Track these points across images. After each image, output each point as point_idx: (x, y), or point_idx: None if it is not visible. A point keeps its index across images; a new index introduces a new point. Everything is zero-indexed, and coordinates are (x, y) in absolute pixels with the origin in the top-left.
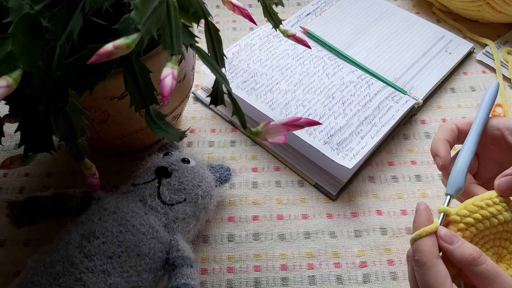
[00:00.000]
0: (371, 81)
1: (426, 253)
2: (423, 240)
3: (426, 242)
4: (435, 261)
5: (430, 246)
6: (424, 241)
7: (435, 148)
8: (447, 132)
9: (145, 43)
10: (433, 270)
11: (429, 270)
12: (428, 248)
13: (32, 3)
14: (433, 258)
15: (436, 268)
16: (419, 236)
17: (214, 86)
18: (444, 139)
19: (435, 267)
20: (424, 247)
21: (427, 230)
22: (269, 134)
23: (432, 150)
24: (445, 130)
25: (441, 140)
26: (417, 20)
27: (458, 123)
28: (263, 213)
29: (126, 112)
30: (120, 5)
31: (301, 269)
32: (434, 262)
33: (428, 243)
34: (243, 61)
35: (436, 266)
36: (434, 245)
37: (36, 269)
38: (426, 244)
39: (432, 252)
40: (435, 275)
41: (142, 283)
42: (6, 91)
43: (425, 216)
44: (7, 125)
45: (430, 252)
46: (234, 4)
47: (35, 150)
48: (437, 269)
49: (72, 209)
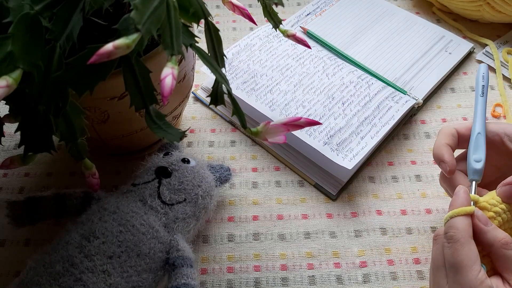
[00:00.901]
0: (371, 81)
1: (461, 230)
2: (460, 218)
3: (463, 220)
4: (469, 240)
5: (466, 224)
6: (461, 219)
7: (439, 154)
8: (447, 137)
9: (145, 43)
10: (466, 248)
11: (463, 247)
12: (465, 226)
13: (32, 3)
14: (467, 237)
15: (469, 246)
16: (456, 214)
17: (214, 86)
18: (446, 143)
19: (468, 245)
20: (460, 224)
21: (465, 210)
22: (269, 134)
23: (436, 156)
24: (446, 135)
25: (443, 145)
26: (417, 20)
27: (458, 128)
28: (263, 213)
29: (126, 112)
30: (120, 5)
31: (301, 269)
32: (469, 240)
33: (465, 221)
34: (243, 62)
35: (470, 244)
36: (469, 225)
37: (36, 269)
38: (463, 222)
39: (467, 231)
40: (467, 252)
41: (142, 283)
42: (6, 91)
43: (464, 198)
44: (7, 125)
45: (466, 230)
46: (234, 4)
47: (35, 150)
48: (470, 248)
49: (72, 209)
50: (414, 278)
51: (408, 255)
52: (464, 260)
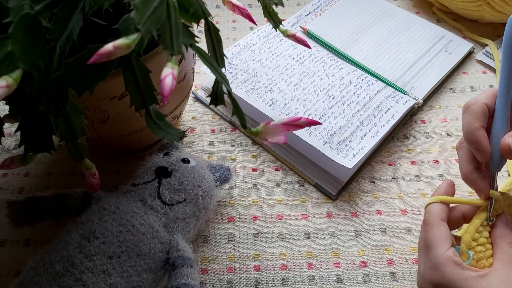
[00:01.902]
0: (371, 81)
1: (433, 213)
2: (434, 204)
3: (435, 205)
4: (440, 222)
5: (438, 209)
6: (434, 205)
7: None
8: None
9: (145, 43)
10: (435, 229)
11: (432, 228)
12: (436, 210)
13: (32, 3)
14: (438, 219)
15: (438, 227)
16: (433, 201)
17: (214, 86)
18: (480, 126)
19: (438, 226)
20: (433, 209)
21: (440, 198)
22: (269, 134)
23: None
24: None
25: (478, 128)
26: (417, 20)
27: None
28: (263, 213)
29: (126, 112)
30: (120, 5)
31: (301, 269)
32: (439, 222)
33: (437, 207)
34: (243, 61)
35: (439, 225)
36: (442, 211)
37: (36, 269)
38: (436, 207)
39: (438, 214)
40: (436, 233)
41: (142, 283)
42: (6, 91)
43: (443, 188)
44: (7, 125)
45: (437, 213)
46: (234, 4)
47: (35, 150)
48: (440, 229)
49: (72, 209)
50: (414, 278)
51: (408, 255)
52: (433, 239)
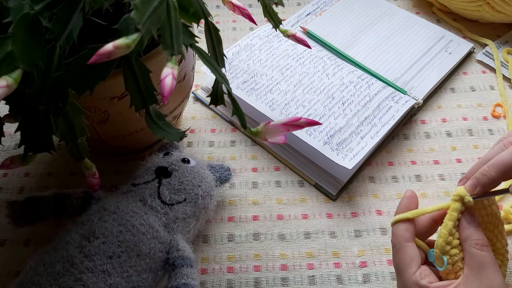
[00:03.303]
0: (371, 81)
1: (397, 236)
2: (397, 225)
3: (398, 226)
4: (404, 244)
5: (401, 230)
6: (396, 226)
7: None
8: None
9: (145, 43)
10: (401, 252)
11: (398, 252)
12: (400, 232)
13: (32, 3)
14: (402, 242)
15: (403, 250)
16: (395, 221)
17: (214, 86)
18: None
19: (403, 249)
20: (396, 230)
21: (400, 217)
22: (269, 134)
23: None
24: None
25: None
26: (417, 20)
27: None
28: (263, 213)
29: (126, 112)
30: (120, 5)
31: (301, 269)
32: (403, 245)
33: (401, 227)
34: (243, 62)
35: (404, 248)
36: (406, 230)
37: (36, 269)
38: (398, 228)
39: (402, 236)
40: (402, 256)
41: (142, 283)
42: (6, 91)
43: (403, 203)
44: (7, 125)
45: (401, 235)
46: (234, 4)
47: (35, 150)
48: (405, 251)
49: (72, 209)
50: None
51: None
52: (399, 264)
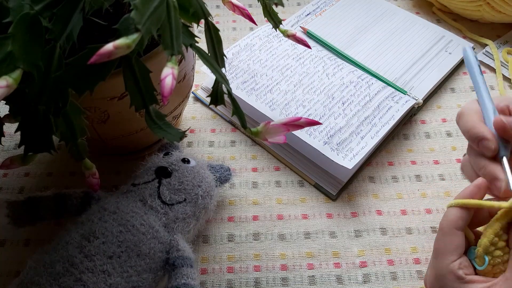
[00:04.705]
0: (371, 81)
1: (448, 220)
2: (453, 209)
3: (454, 212)
4: (452, 231)
5: (455, 215)
6: (453, 210)
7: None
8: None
9: (145, 43)
10: (447, 238)
11: (443, 236)
12: (453, 217)
13: (32, 3)
14: (451, 228)
15: (450, 237)
16: (454, 204)
17: (214, 86)
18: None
19: (450, 235)
20: (450, 215)
21: (458, 202)
22: (269, 134)
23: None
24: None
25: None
26: (417, 20)
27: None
28: (263, 213)
29: (126, 112)
30: (120, 5)
31: (301, 269)
32: (451, 231)
33: (455, 213)
34: (243, 62)
35: (452, 235)
36: (459, 218)
37: (36, 269)
38: (453, 213)
39: (454, 222)
40: (446, 242)
41: (142, 283)
42: (6, 91)
43: (469, 190)
44: (7, 125)
45: (452, 220)
46: (234, 4)
47: (35, 150)
48: (451, 238)
49: (72, 209)
50: (414, 278)
51: (408, 255)
52: (441, 248)
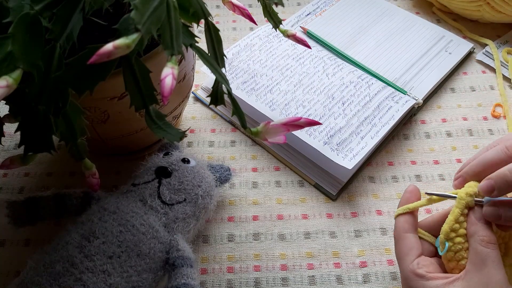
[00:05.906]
0: (371, 81)
1: (397, 227)
2: (398, 217)
3: (398, 219)
4: (402, 235)
5: (400, 221)
6: (397, 218)
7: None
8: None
9: (145, 43)
10: (399, 243)
11: (397, 243)
12: (399, 223)
13: (32, 3)
14: (401, 233)
15: (402, 241)
16: (396, 215)
17: (214, 86)
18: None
19: (401, 240)
20: (396, 223)
21: (401, 209)
22: (269, 134)
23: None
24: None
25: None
26: (417, 20)
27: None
28: (263, 213)
29: (126, 112)
30: (120, 5)
31: (301, 269)
32: (401, 235)
33: (399, 219)
34: (243, 62)
35: (403, 239)
36: (405, 222)
37: (36, 269)
38: (398, 220)
39: (402, 227)
40: (399, 247)
41: (142, 283)
42: (6, 91)
43: (405, 197)
44: (7, 125)
45: (400, 227)
46: (234, 4)
47: (35, 150)
48: (403, 242)
49: (72, 209)
50: None
51: None
52: (398, 253)
